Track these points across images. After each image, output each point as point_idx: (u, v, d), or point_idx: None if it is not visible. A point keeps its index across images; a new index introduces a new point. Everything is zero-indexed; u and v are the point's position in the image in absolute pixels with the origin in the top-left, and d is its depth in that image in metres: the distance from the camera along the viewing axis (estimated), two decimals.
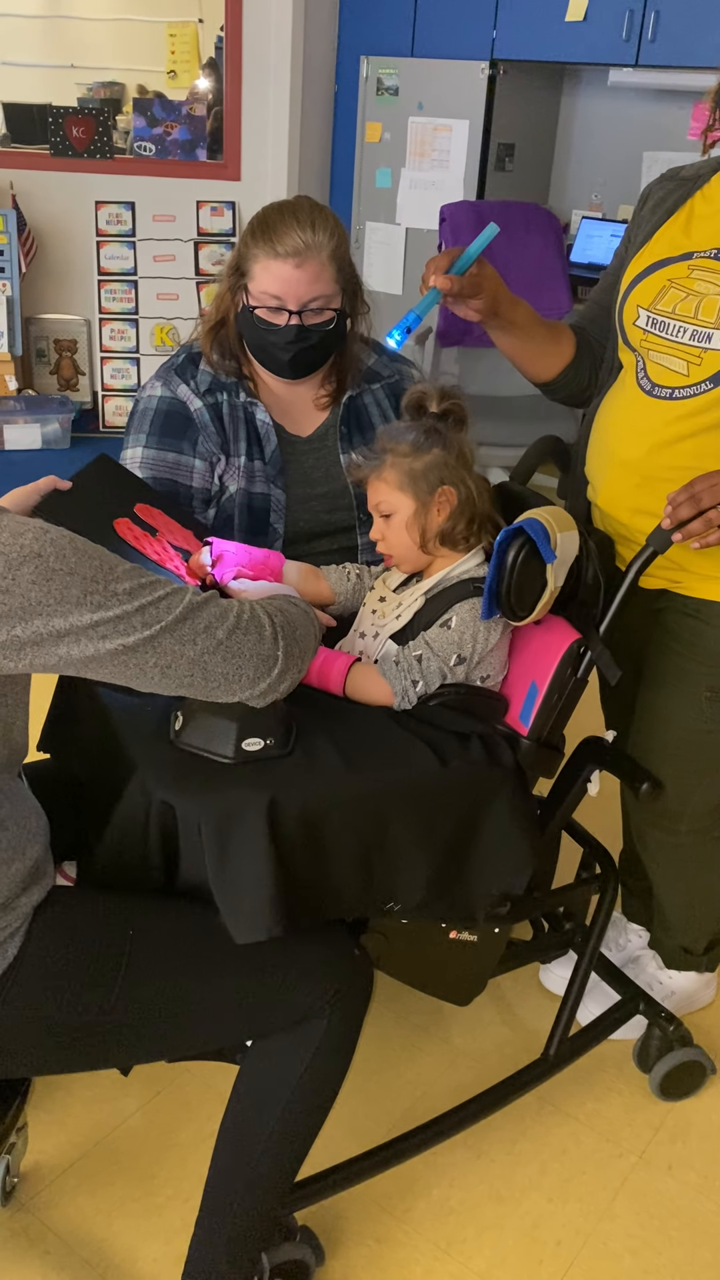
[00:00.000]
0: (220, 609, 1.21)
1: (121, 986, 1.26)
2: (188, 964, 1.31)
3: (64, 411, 4.63)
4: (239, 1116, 1.40)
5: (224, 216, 4.95)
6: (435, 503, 1.51)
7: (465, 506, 1.51)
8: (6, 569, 1.05)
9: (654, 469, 1.58)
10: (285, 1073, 1.37)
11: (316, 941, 1.39)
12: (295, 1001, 1.35)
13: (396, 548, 1.55)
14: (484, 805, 1.45)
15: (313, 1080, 1.38)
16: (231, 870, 1.29)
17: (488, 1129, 1.81)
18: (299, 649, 1.28)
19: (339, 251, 1.71)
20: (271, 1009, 1.35)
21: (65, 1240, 1.61)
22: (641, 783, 1.60)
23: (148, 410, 1.80)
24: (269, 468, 1.79)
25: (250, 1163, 1.39)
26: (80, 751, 1.57)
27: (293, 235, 1.66)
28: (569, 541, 1.45)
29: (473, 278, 1.59)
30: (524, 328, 1.72)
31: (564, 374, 1.79)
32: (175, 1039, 1.35)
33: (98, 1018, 1.25)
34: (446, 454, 1.51)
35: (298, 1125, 1.40)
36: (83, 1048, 1.28)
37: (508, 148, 4.61)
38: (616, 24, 4.02)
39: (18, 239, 4.68)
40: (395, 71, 4.63)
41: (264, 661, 1.24)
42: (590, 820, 1.92)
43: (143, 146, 4.99)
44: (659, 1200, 1.74)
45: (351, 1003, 1.39)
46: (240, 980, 1.33)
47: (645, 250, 1.62)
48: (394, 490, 1.52)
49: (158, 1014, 1.29)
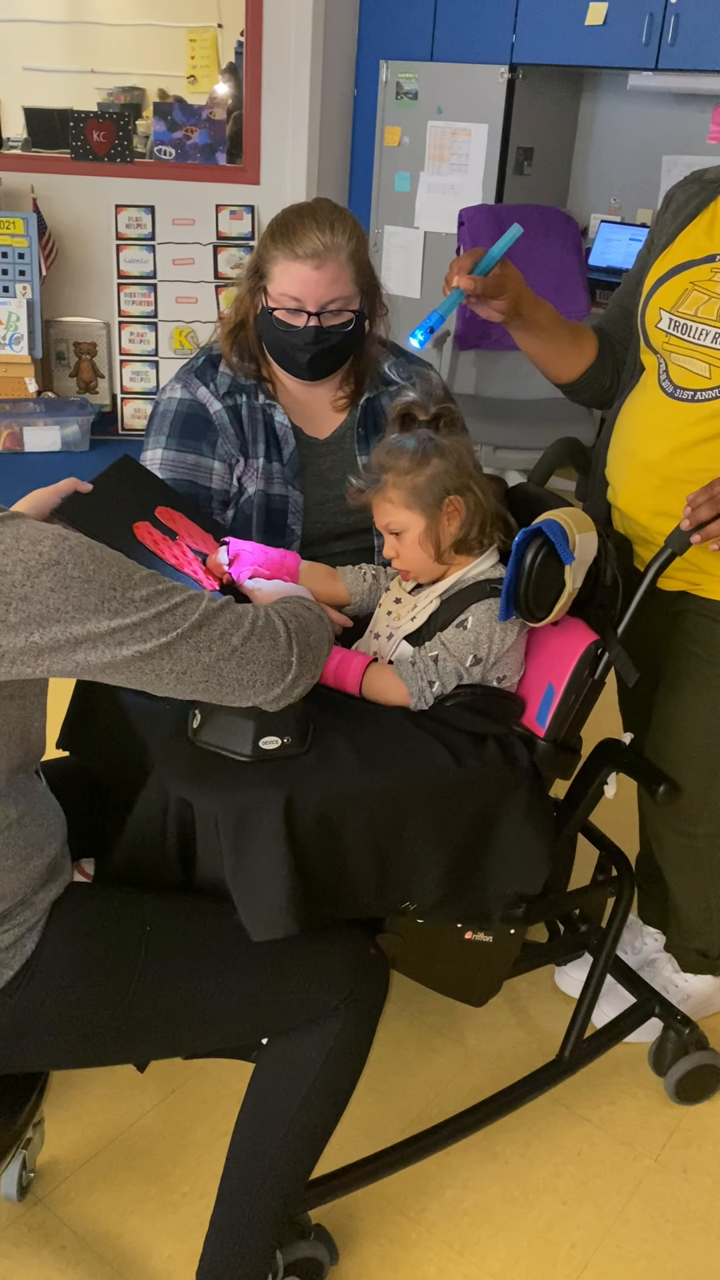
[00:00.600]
0: (235, 615, 1.21)
1: (138, 982, 1.27)
2: (204, 960, 1.32)
3: (83, 414, 4.65)
4: (254, 1115, 1.41)
5: (243, 220, 4.97)
6: (445, 514, 1.50)
7: (476, 512, 1.51)
8: (26, 576, 1.06)
9: (674, 471, 1.58)
10: (300, 1072, 1.38)
11: (332, 941, 1.39)
12: (310, 1000, 1.36)
13: (413, 564, 1.54)
14: (500, 805, 1.45)
15: (327, 1079, 1.39)
16: (248, 867, 1.30)
17: (502, 1130, 1.81)
18: (313, 654, 1.29)
19: (358, 253, 1.72)
20: (286, 1007, 1.36)
21: (80, 1236, 1.62)
22: (658, 785, 1.60)
23: (167, 412, 1.81)
24: (287, 469, 1.80)
25: (265, 1161, 1.39)
26: (99, 750, 1.58)
27: (312, 237, 1.66)
28: (587, 543, 1.45)
29: (496, 278, 1.59)
30: (546, 329, 1.73)
31: (586, 375, 1.79)
32: (190, 1035, 1.36)
33: (114, 1012, 1.26)
34: (446, 462, 1.49)
35: (312, 1124, 1.40)
36: (99, 1042, 1.28)
37: (526, 151, 4.62)
38: (636, 28, 4.02)
39: (38, 242, 4.71)
40: (414, 76, 4.64)
41: (278, 667, 1.25)
42: (607, 823, 1.92)
43: (163, 150, 5.02)
44: (674, 1204, 1.74)
45: (366, 1003, 1.39)
46: (256, 978, 1.34)
47: (668, 253, 1.62)
48: (401, 509, 1.51)
49: (174, 1009, 1.30)
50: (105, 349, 5.10)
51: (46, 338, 4.97)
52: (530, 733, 1.53)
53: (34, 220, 4.69)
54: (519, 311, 1.66)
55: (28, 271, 4.73)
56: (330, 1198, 1.61)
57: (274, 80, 4.85)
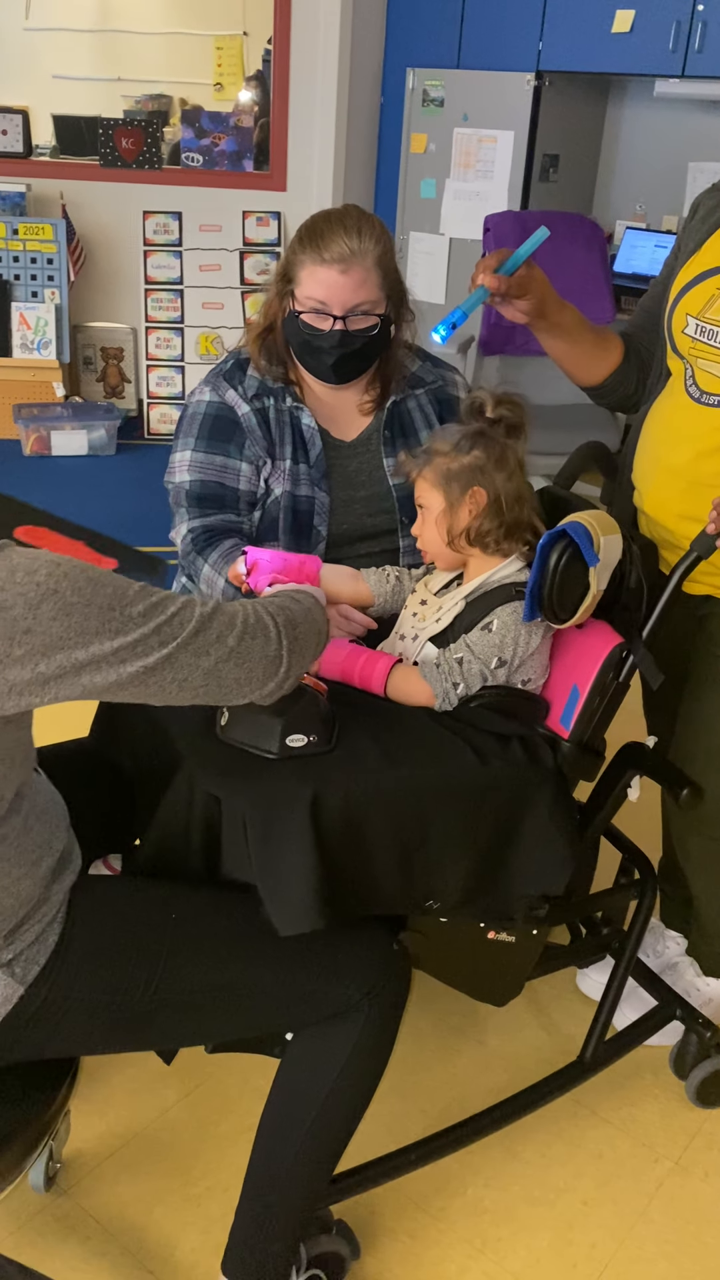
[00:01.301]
0: (228, 616, 1.22)
1: (164, 967, 1.29)
2: (229, 948, 1.34)
3: (110, 418, 4.70)
4: (279, 1109, 1.42)
5: (269, 227, 5.01)
6: (465, 503, 1.53)
7: (494, 509, 1.53)
8: (27, 609, 1.06)
9: (700, 475, 1.59)
10: (325, 1067, 1.39)
11: (355, 936, 1.41)
12: (331, 994, 1.37)
13: (427, 543, 1.59)
14: (524, 805, 1.46)
15: (350, 1076, 1.40)
16: (275, 863, 1.32)
17: (523, 1131, 1.82)
18: (300, 646, 1.29)
19: (384, 259, 1.74)
20: (308, 1000, 1.37)
21: (105, 1227, 1.64)
22: (682, 789, 1.61)
23: (196, 415, 1.84)
24: (313, 471, 1.82)
25: (289, 1155, 1.41)
26: (128, 746, 1.60)
27: (339, 242, 1.69)
28: (612, 545, 1.46)
29: (521, 279, 1.60)
30: (571, 331, 1.74)
31: (611, 379, 1.80)
32: (214, 1023, 1.38)
33: (142, 996, 1.28)
34: (485, 457, 1.53)
35: (336, 1119, 1.42)
36: (127, 1028, 1.30)
37: (552, 158, 4.63)
38: (663, 35, 4.03)
39: (67, 248, 4.76)
40: (441, 83, 4.67)
41: (271, 662, 1.25)
42: (630, 826, 1.92)
43: (190, 157, 5.06)
44: (694, 1206, 1.74)
45: (389, 998, 1.40)
46: (278, 970, 1.35)
47: (695, 260, 1.63)
48: (430, 487, 1.56)
49: (199, 996, 1.32)
50: (132, 354, 5.15)
51: (74, 343, 5.02)
52: (554, 734, 1.54)
53: (63, 226, 4.74)
54: (543, 313, 1.67)
55: (56, 277, 4.78)
56: (352, 1193, 1.62)
57: (301, 87, 4.89)
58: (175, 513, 1.85)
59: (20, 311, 4.74)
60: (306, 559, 1.61)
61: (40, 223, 4.73)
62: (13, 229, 4.71)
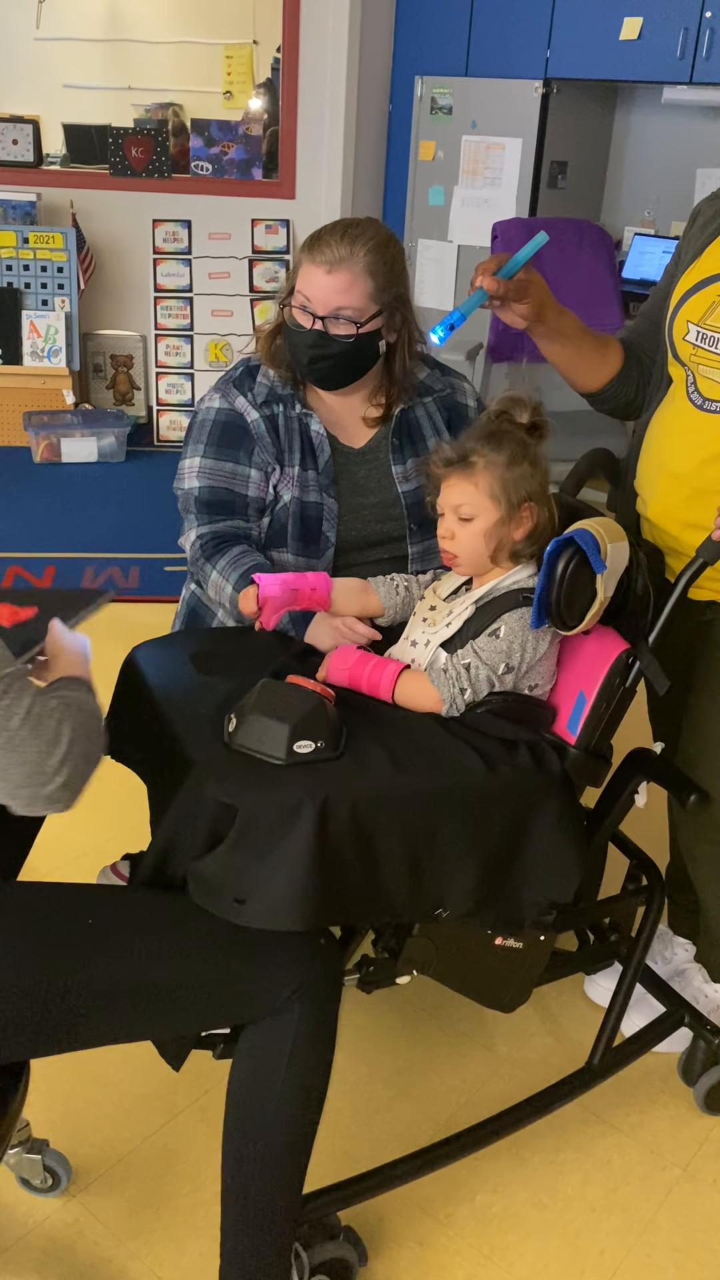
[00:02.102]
0: (20, 703, 1.16)
1: (82, 970, 1.27)
2: (150, 950, 1.32)
3: (120, 426, 4.72)
4: (235, 1112, 1.40)
5: (278, 234, 5.02)
6: (519, 517, 1.52)
7: (544, 528, 1.53)
8: None
9: (705, 482, 1.59)
10: (268, 1071, 1.37)
11: (278, 936, 1.37)
12: (258, 991, 1.34)
13: (466, 551, 1.55)
14: (531, 812, 1.46)
15: (296, 1076, 1.37)
16: (271, 865, 1.32)
17: (531, 1138, 1.82)
18: (81, 774, 1.21)
19: (378, 268, 1.74)
20: (237, 999, 1.35)
21: (114, 1233, 1.64)
22: (689, 794, 1.61)
23: (206, 421, 1.85)
24: (322, 477, 1.83)
25: (256, 1157, 1.39)
26: (137, 751, 1.61)
27: (332, 245, 1.72)
28: (619, 552, 1.46)
29: (520, 282, 1.60)
30: (571, 337, 1.74)
31: (611, 385, 1.80)
32: (141, 1024, 1.35)
33: (61, 1002, 1.26)
34: (537, 471, 1.52)
35: (293, 1123, 1.39)
36: (53, 1032, 1.28)
37: (560, 165, 4.64)
38: (671, 42, 4.04)
39: (77, 256, 4.79)
40: (449, 90, 4.68)
41: (39, 774, 1.17)
42: (638, 833, 1.92)
43: (200, 166, 5.08)
44: (704, 1214, 1.74)
45: (319, 994, 1.37)
46: (201, 970, 1.33)
47: (695, 267, 1.64)
48: (483, 496, 1.52)
49: (121, 999, 1.30)
50: (142, 361, 5.17)
51: (84, 350, 5.05)
52: (561, 740, 1.55)
53: (73, 235, 4.77)
54: (542, 318, 1.67)
55: (66, 285, 4.81)
56: (360, 1199, 1.62)
57: (310, 96, 4.91)
58: (184, 519, 1.86)
59: (31, 319, 4.77)
60: (316, 582, 1.60)
61: (51, 231, 4.76)
62: (23, 238, 4.73)
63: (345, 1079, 1.40)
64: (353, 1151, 1.74)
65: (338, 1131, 1.78)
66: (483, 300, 1.59)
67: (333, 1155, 1.72)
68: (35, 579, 3.64)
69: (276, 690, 1.43)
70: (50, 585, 3.58)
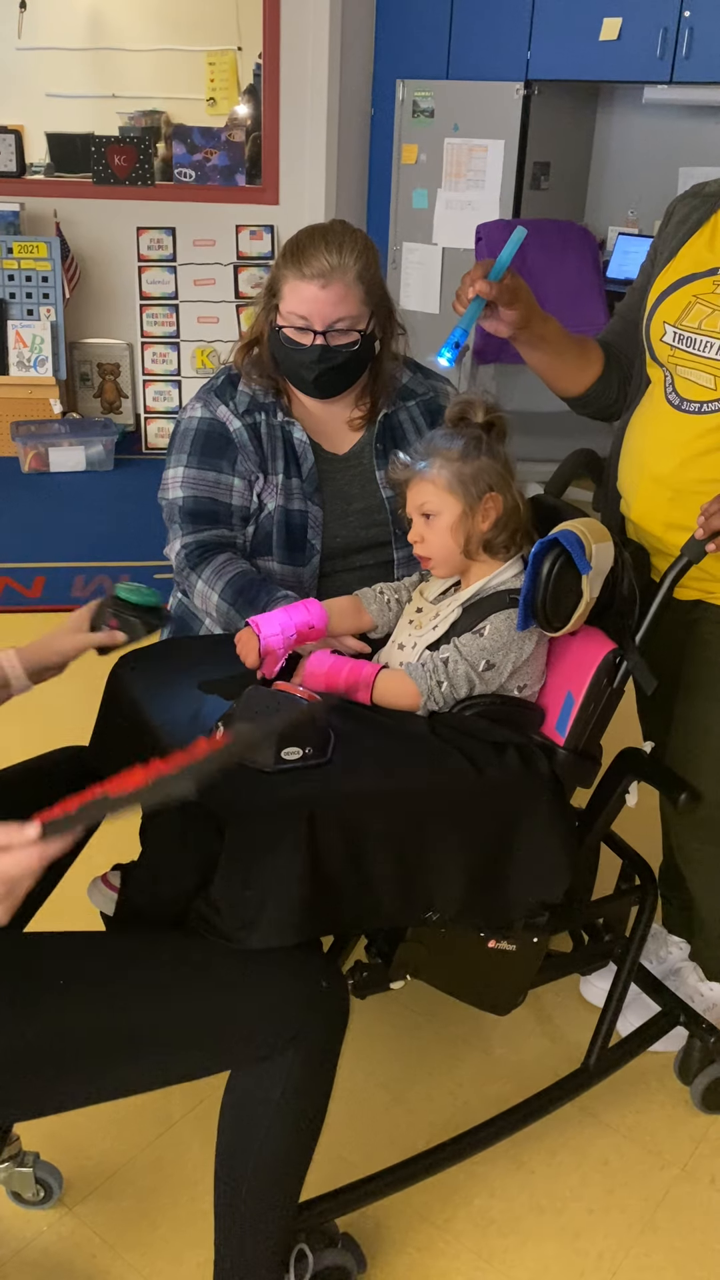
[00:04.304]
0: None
1: (51, 1019, 1.22)
2: (127, 995, 1.26)
3: (107, 434, 4.71)
4: (223, 1158, 1.38)
5: (263, 240, 5.02)
6: (482, 508, 1.52)
7: (510, 516, 1.53)
8: None
9: (685, 483, 1.59)
10: (257, 1115, 1.33)
11: (278, 973, 1.31)
12: (252, 1037, 1.29)
13: (437, 550, 1.55)
14: (521, 814, 1.46)
15: (285, 1121, 1.33)
16: (261, 875, 1.31)
17: (528, 1140, 1.82)
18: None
19: (366, 273, 1.74)
20: (228, 1040, 1.29)
21: (111, 1244, 1.64)
22: (680, 793, 1.61)
23: (188, 431, 1.85)
24: (306, 485, 1.83)
25: (241, 1199, 1.37)
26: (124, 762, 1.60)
27: (319, 258, 1.70)
28: (604, 553, 1.46)
29: (508, 287, 1.58)
30: (553, 342, 1.73)
31: (592, 389, 1.80)
32: (121, 1075, 1.29)
33: (34, 1054, 1.21)
34: (495, 463, 1.53)
35: (279, 1166, 1.36)
36: (32, 1084, 1.24)
37: (543, 166, 4.65)
38: (650, 41, 4.05)
39: (62, 265, 4.78)
40: (431, 94, 4.69)
41: None
42: (630, 832, 1.92)
43: (183, 173, 5.08)
44: (702, 1213, 1.74)
45: (316, 1044, 1.31)
46: (186, 1015, 1.27)
47: (670, 267, 1.64)
48: (442, 492, 1.53)
49: (94, 1048, 1.24)
50: (128, 369, 5.16)
51: (70, 359, 5.04)
52: (550, 741, 1.55)
53: (57, 244, 4.76)
54: (528, 323, 1.65)
55: (51, 294, 4.80)
56: (357, 1206, 1.62)
57: (292, 101, 4.92)
58: (169, 529, 1.86)
59: (16, 329, 4.76)
60: (313, 619, 1.57)
61: (35, 241, 4.75)
62: (7, 248, 4.72)
63: (340, 1085, 1.39)
64: (349, 1157, 1.74)
65: (334, 1138, 1.77)
66: (481, 309, 1.57)
67: (329, 1161, 1.71)
68: (24, 589, 3.63)
69: (263, 697, 1.43)
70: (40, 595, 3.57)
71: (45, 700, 1.72)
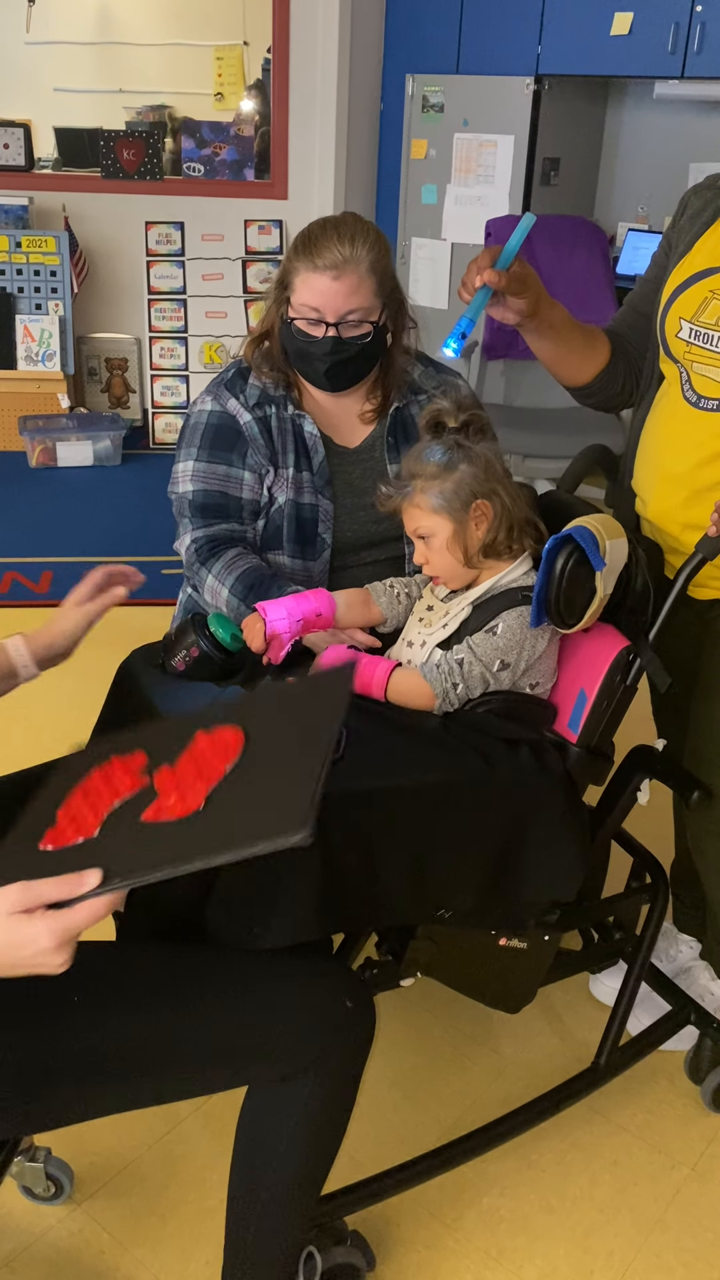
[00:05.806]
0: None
1: (61, 1035, 1.20)
2: (145, 1007, 1.24)
3: (115, 429, 4.71)
4: (236, 1176, 1.36)
5: (271, 235, 5.02)
6: (472, 518, 1.50)
7: (503, 516, 1.51)
8: None
9: (702, 482, 1.57)
10: (276, 1131, 1.31)
11: (301, 994, 1.28)
12: (272, 1058, 1.26)
13: (442, 569, 1.54)
14: (533, 811, 1.45)
15: (305, 1139, 1.31)
16: (277, 872, 1.31)
17: (538, 1139, 1.81)
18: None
19: (378, 265, 1.73)
20: (245, 1058, 1.26)
21: (119, 1240, 1.63)
22: (692, 791, 1.60)
23: (198, 425, 1.84)
24: (317, 479, 1.82)
25: (254, 1215, 1.35)
26: None
27: (332, 249, 1.69)
28: (618, 549, 1.45)
29: (517, 275, 1.54)
30: (560, 330, 1.70)
31: (598, 379, 1.77)
32: (134, 1090, 1.26)
33: (41, 1068, 1.19)
34: (473, 468, 1.50)
35: (294, 1183, 1.34)
36: (47, 1098, 1.21)
37: (553, 162, 4.63)
38: (662, 36, 4.02)
39: (70, 260, 4.78)
40: (440, 89, 4.67)
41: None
42: (642, 830, 1.91)
43: (191, 167, 5.07)
44: (712, 1212, 1.73)
45: (338, 1068, 1.29)
46: (205, 1031, 1.25)
47: (685, 261, 1.62)
48: (429, 514, 1.51)
49: (110, 1062, 1.21)
50: (136, 364, 5.16)
51: (78, 354, 5.04)
52: (562, 739, 1.54)
53: (65, 238, 4.76)
54: (536, 311, 1.61)
55: (60, 289, 4.80)
56: (367, 1204, 1.61)
57: (301, 96, 4.90)
58: (179, 523, 1.85)
59: (24, 324, 4.76)
60: (321, 606, 1.56)
61: (43, 235, 4.75)
62: (16, 242, 4.72)
63: None
64: (358, 1155, 1.73)
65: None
66: (488, 299, 1.54)
67: (339, 1160, 1.69)
68: (32, 584, 3.63)
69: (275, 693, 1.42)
70: (47, 590, 3.57)
71: (45, 700, 1.71)
